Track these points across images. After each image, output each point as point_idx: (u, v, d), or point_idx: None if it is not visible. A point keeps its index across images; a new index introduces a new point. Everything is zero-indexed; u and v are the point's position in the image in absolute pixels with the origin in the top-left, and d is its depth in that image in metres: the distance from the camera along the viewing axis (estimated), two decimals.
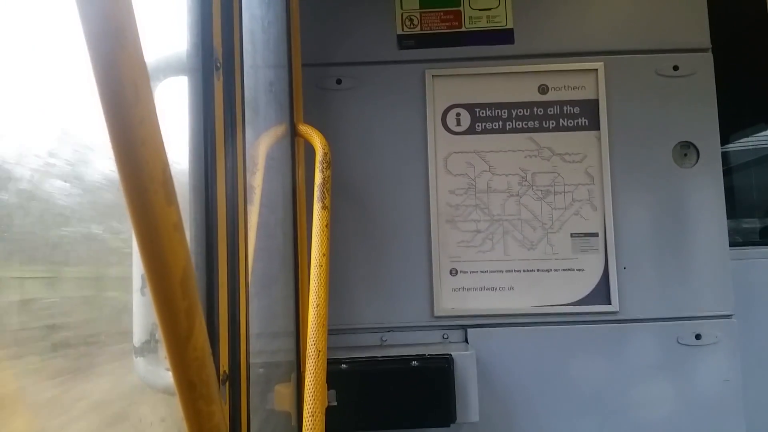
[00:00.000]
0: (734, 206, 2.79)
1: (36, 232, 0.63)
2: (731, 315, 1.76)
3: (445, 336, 1.79)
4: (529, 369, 1.76)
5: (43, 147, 0.64)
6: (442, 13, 1.87)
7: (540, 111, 1.84)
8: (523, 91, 1.85)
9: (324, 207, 1.38)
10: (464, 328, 1.79)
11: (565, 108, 1.84)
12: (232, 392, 0.95)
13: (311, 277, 1.28)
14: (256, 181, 1.23)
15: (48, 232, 0.64)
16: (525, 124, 1.84)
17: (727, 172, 2.85)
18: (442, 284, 1.79)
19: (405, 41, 1.87)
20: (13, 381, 0.60)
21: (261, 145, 1.29)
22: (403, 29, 1.87)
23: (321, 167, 1.43)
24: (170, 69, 0.91)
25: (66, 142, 0.67)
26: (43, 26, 0.65)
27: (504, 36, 1.87)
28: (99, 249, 0.74)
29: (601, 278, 1.78)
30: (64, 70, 0.68)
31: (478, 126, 1.84)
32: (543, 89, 1.85)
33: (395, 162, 1.83)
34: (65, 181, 0.66)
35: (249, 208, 1.12)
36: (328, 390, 1.43)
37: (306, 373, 1.16)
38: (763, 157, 2.92)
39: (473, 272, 1.80)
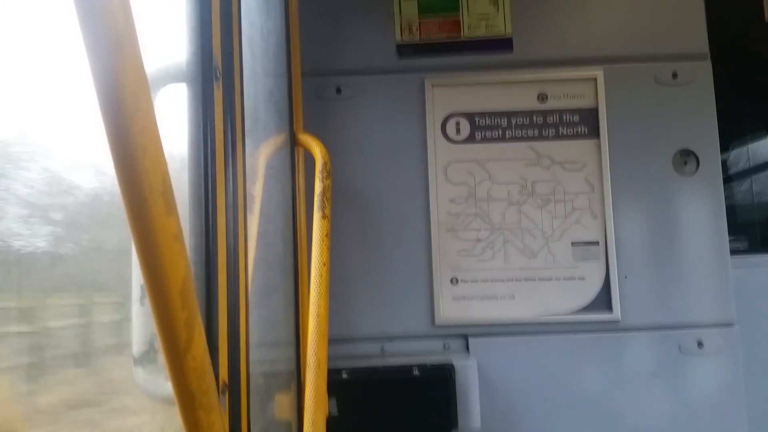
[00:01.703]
0: None
1: None
2: (733, 323, 1.76)
3: (446, 345, 1.78)
4: (531, 378, 1.75)
5: None
6: (441, 21, 1.88)
7: (539, 119, 1.84)
8: (523, 99, 1.86)
9: (324, 216, 1.38)
10: (465, 337, 1.78)
11: (564, 116, 1.84)
12: (232, 402, 0.95)
13: (311, 286, 1.28)
14: (256, 190, 1.23)
15: None
16: (524, 133, 1.84)
17: None
18: (442, 293, 1.79)
19: (404, 50, 1.88)
20: None
21: (261, 155, 1.29)
22: (402, 38, 1.88)
23: (321, 176, 1.44)
24: (170, 78, 0.91)
25: None
26: (43, 34, 0.66)
27: (503, 44, 1.88)
28: None
29: (602, 287, 1.77)
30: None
31: (478, 134, 1.84)
32: (542, 97, 1.85)
33: (395, 171, 1.83)
34: None
35: (249, 217, 1.11)
36: (328, 399, 1.42)
37: (306, 382, 1.15)
38: None
39: (474, 281, 1.80)
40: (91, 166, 0.73)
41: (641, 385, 1.74)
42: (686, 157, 1.82)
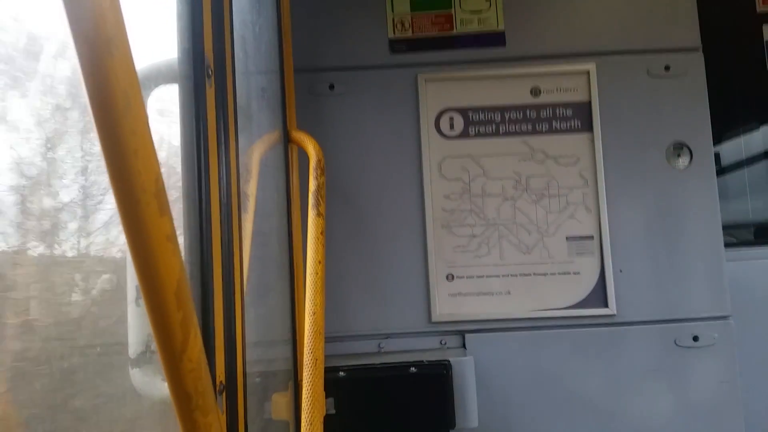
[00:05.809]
0: None
1: None
2: (728, 316, 1.76)
3: (443, 342, 1.78)
4: (528, 374, 1.75)
5: None
6: (433, 17, 1.87)
7: (533, 114, 1.84)
8: (516, 93, 1.85)
9: (318, 214, 1.37)
10: (462, 333, 1.78)
11: (557, 110, 1.84)
12: (229, 403, 0.94)
13: (307, 284, 1.28)
14: (250, 188, 1.22)
15: None
16: (518, 128, 1.84)
17: None
18: (438, 290, 1.79)
19: (397, 45, 1.87)
20: None
21: (254, 153, 1.29)
22: (394, 33, 1.87)
23: (315, 174, 1.43)
24: (161, 77, 0.90)
25: None
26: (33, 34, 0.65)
27: (495, 39, 1.87)
28: None
29: (597, 281, 1.77)
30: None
31: (472, 130, 1.84)
32: (535, 92, 1.85)
33: (389, 167, 1.83)
34: None
35: (243, 216, 1.11)
36: (326, 398, 1.42)
37: (303, 381, 1.15)
38: None
39: (469, 277, 1.79)
40: None
41: (637, 380, 1.74)
42: (679, 150, 1.82)
